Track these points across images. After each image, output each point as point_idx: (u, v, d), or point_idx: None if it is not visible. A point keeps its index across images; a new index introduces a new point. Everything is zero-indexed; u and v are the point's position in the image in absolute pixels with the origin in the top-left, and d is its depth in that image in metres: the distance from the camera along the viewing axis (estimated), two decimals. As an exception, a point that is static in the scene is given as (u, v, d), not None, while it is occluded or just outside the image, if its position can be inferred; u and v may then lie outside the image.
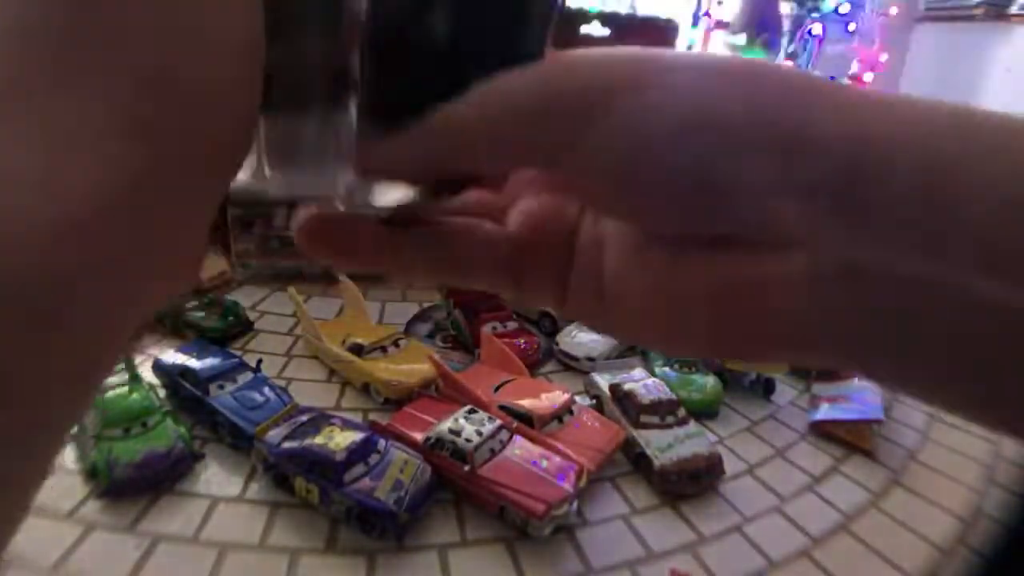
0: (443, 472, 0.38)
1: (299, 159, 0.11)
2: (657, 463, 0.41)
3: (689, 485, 0.41)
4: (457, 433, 0.39)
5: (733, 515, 0.40)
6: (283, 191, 0.12)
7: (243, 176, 0.10)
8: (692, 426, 0.45)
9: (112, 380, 0.41)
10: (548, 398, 0.45)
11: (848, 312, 0.09)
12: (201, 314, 0.54)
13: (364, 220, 0.12)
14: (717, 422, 0.50)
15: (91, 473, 0.37)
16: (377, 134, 0.10)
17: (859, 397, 0.51)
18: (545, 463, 0.39)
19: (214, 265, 0.63)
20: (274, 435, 0.38)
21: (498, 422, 0.40)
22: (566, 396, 0.45)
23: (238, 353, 0.48)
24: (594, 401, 0.49)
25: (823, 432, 0.49)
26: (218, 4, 0.09)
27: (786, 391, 0.55)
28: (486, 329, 0.54)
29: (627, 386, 0.47)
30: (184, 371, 0.44)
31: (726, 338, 0.11)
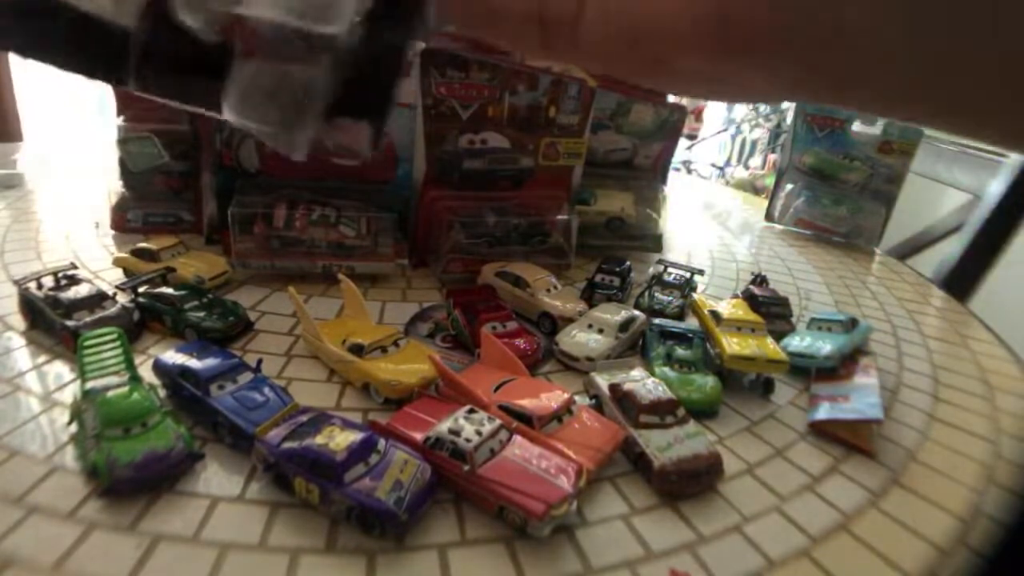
0: (443, 472, 0.38)
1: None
2: (657, 463, 0.41)
3: (689, 485, 0.41)
4: (457, 433, 0.39)
5: (733, 515, 0.40)
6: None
7: None
8: (692, 426, 0.45)
9: (112, 380, 0.41)
10: (548, 398, 0.45)
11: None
12: (201, 314, 0.54)
13: None
14: (717, 422, 0.50)
15: (91, 473, 0.37)
16: None
17: (859, 397, 0.51)
18: (545, 463, 0.39)
19: (214, 265, 0.64)
20: (274, 435, 0.38)
21: (498, 422, 0.41)
22: (566, 396, 0.45)
23: (238, 353, 0.48)
24: (594, 401, 0.49)
25: (823, 432, 0.49)
26: None
27: (786, 391, 0.55)
28: (486, 329, 0.54)
29: (627, 386, 0.47)
30: (184, 371, 0.44)
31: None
